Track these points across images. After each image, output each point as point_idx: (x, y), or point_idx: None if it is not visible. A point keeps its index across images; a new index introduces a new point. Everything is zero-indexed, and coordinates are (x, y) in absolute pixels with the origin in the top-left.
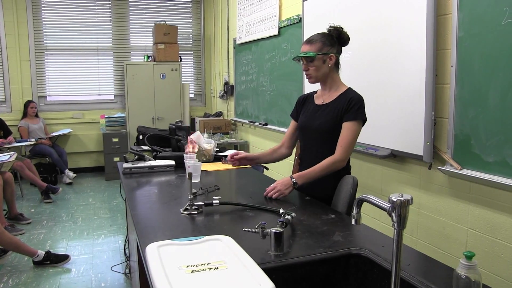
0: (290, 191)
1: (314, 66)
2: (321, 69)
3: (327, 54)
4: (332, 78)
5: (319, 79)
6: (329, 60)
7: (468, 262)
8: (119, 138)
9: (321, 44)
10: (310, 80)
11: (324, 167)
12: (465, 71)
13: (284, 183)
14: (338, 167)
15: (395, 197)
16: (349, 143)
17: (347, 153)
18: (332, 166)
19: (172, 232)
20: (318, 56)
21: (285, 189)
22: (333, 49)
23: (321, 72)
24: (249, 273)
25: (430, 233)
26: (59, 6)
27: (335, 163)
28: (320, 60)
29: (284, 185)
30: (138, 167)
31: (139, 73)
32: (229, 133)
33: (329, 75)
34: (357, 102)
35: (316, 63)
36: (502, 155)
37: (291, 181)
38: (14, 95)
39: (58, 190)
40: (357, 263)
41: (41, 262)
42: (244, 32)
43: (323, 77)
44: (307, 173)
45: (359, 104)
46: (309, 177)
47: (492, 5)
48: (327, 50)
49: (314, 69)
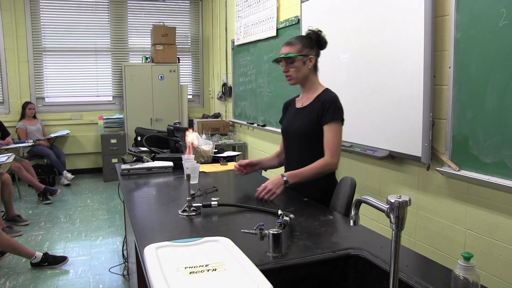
0: (281, 190)
1: (294, 67)
2: (301, 70)
3: (307, 56)
4: (311, 80)
5: (298, 81)
6: (308, 61)
7: (466, 263)
8: (117, 139)
9: (301, 46)
10: (290, 82)
11: (316, 167)
12: (462, 73)
13: (275, 182)
14: (331, 169)
15: (393, 198)
16: (336, 145)
17: (337, 155)
18: (325, 168)
19: (170, 233)
20: (299, 57)
21: (277, 188)
22: (313, 51)
23: (301, 73)
24: (247, 275)
25: (428, 234)
26: (57, 8)
27: (328, 165)
28: (300, 61)
29: (275, 184)
30: (136, 168)
31: (137, 75)
32: (227, 135)
33: (308, 77)
34: (332, 103)
35: (296, 64)
36: (500, 156)
37: (282, 179)
38: (12, 96)
39: (57, 192)
40: (355, 264)
41: (39, 263)
42: (242, 33)
43: (303, 78)
44: (299, 172)
45: (334, 105)
46: (301, 176)
47: (489, 7)
48: (307, 52)
49: (294, 70)
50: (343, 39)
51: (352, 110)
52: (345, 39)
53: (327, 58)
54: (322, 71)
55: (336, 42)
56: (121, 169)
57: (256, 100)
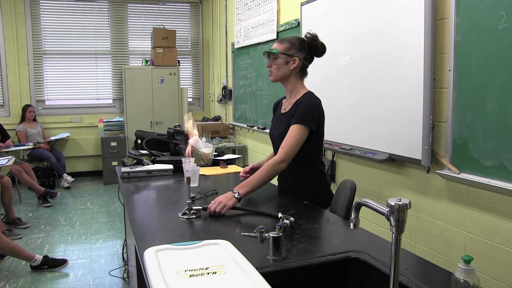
0: (233, 202)
1: (276, 64)
2: (281, 69)
3: (291, 57)
4: (293, 83)
5: (278, 78)
6: (292, 63)
7: (466, 266)
8: (117, 142)
9: (289, 46)
10: (270, 78)
11: (264, 172)
12: (463, 75)
13: (226, 195)
14: (279, 168)
15: (393, 201)
16: (290, 146)
17: (287, 155)
18: (273, 168)
19: (170, 236)
20: (281, 55)
21: (228, 200)
22: (300, 54)
23: (280, 71)
24: (248, 278)
25: (428, 237)
26: (57, 11)
27: (275, 164)
28: (282, 60)
29: (226, 197)
30: (136, 171)
31: (138, 77)
32: (228, 137)
33: (290, 78)
34: (303, 106)
35: (279, 61)
36: (500, 159)
37: (232, 192)
38: (12, 99)
39: (57, 195)
40: (355, 267)
41: (39, 266)
42: (242, 36)
43: (283, 77)
44: (248, 181)
45: (305, 109)
46: (251, 184)
47: (489, 10)
48: (292, 53)
49: (275, 67)
50: (343, 42)
51: (352, 113)
52: (345, 42)
53: (327, 61)
54: (322, 74)
55: (336, 45)
56: (121, 172)
57: (256, 103)
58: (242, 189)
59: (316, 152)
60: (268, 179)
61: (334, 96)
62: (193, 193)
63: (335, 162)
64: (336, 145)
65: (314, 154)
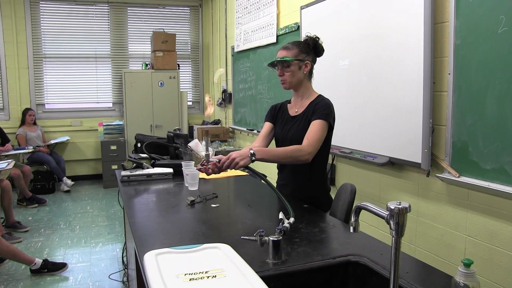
0: (245, 162)
1: (290, 71)
2: (296, 75)
3: (303, 61)
4: (305, 86)
5: (293, 85)
6: (304, 67)
7: (466, 269)
8: (117, 145)
9: (298, 51)
10: (284, 86)
11: (288, 151)
12: (462, 79)
13: (241, 152)
14: (302, 157)
15: (393, 205)
16: (316, 139)
17: (313, 147)
18: (297, 153)
19: (170, 240)
20: (295, 61)
21: (241, 159)
22: (309, 57)
23: (295, 78)
24: (247, 281)
25: (428, 240)
26: (57, 14)
27: (301, 151)
28: (296, 66)
29: (241, 155)
30: (136, 175)
31: (137, 81)
32: (227, 141)
33: (303, 82)
34: (324, 105)
35: (292, 68)
36: (499, 162)
37: (249, 152)
38: (12, 102)
39: (45, 202)
40: (355, 271)
41: (39, 270)
42: (242, 40)
43: (298, 83)
44: (268, 149)
45: (326, 107)
46: (270, 154)
47: (488, 13)
48: (303, 57)
49: (290, 75)
50: (343, 45)
51: (351, 116)
52: (345, 46)
53: (327, 65)
54: (322, 77)
55: (336, 48)
56: (121, 176)
57: (256, 106)
58: (260, 153)
59: (323, 162)
60: (286, 159)
61: (333, 100)
62: (193, 196)
63: (335, 165)
64: (336, 148)
65: (323, 162)
